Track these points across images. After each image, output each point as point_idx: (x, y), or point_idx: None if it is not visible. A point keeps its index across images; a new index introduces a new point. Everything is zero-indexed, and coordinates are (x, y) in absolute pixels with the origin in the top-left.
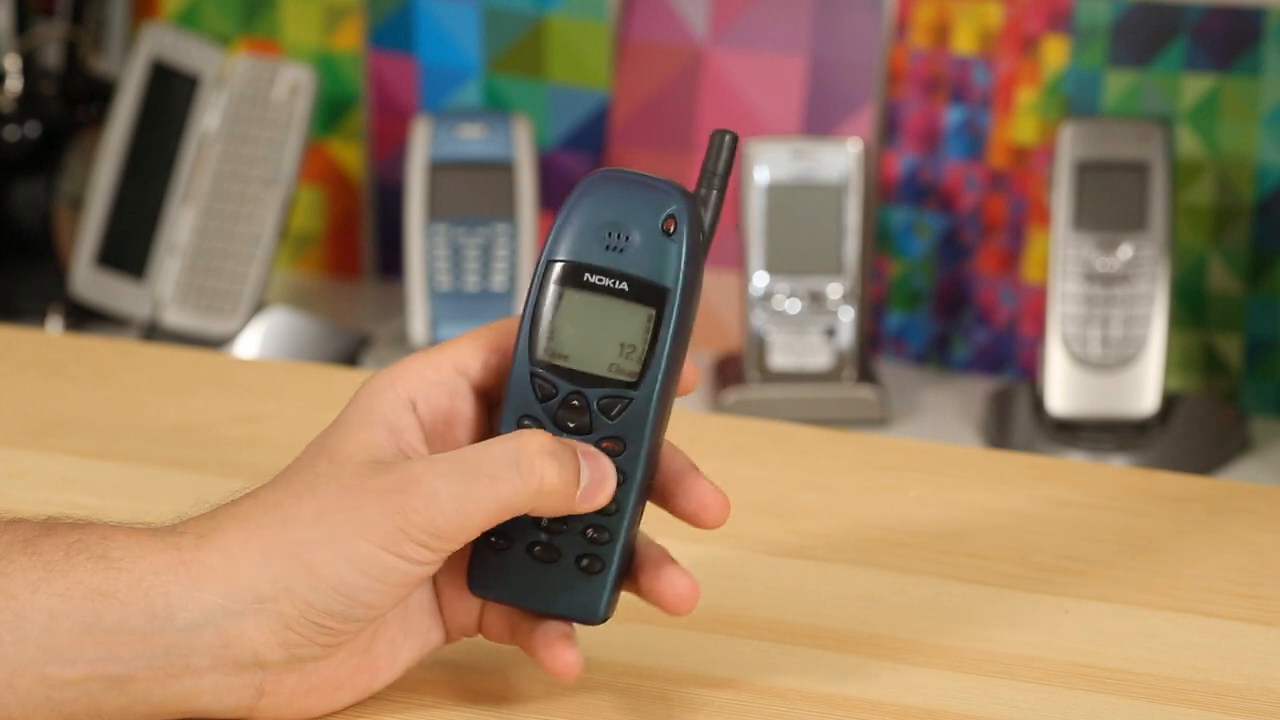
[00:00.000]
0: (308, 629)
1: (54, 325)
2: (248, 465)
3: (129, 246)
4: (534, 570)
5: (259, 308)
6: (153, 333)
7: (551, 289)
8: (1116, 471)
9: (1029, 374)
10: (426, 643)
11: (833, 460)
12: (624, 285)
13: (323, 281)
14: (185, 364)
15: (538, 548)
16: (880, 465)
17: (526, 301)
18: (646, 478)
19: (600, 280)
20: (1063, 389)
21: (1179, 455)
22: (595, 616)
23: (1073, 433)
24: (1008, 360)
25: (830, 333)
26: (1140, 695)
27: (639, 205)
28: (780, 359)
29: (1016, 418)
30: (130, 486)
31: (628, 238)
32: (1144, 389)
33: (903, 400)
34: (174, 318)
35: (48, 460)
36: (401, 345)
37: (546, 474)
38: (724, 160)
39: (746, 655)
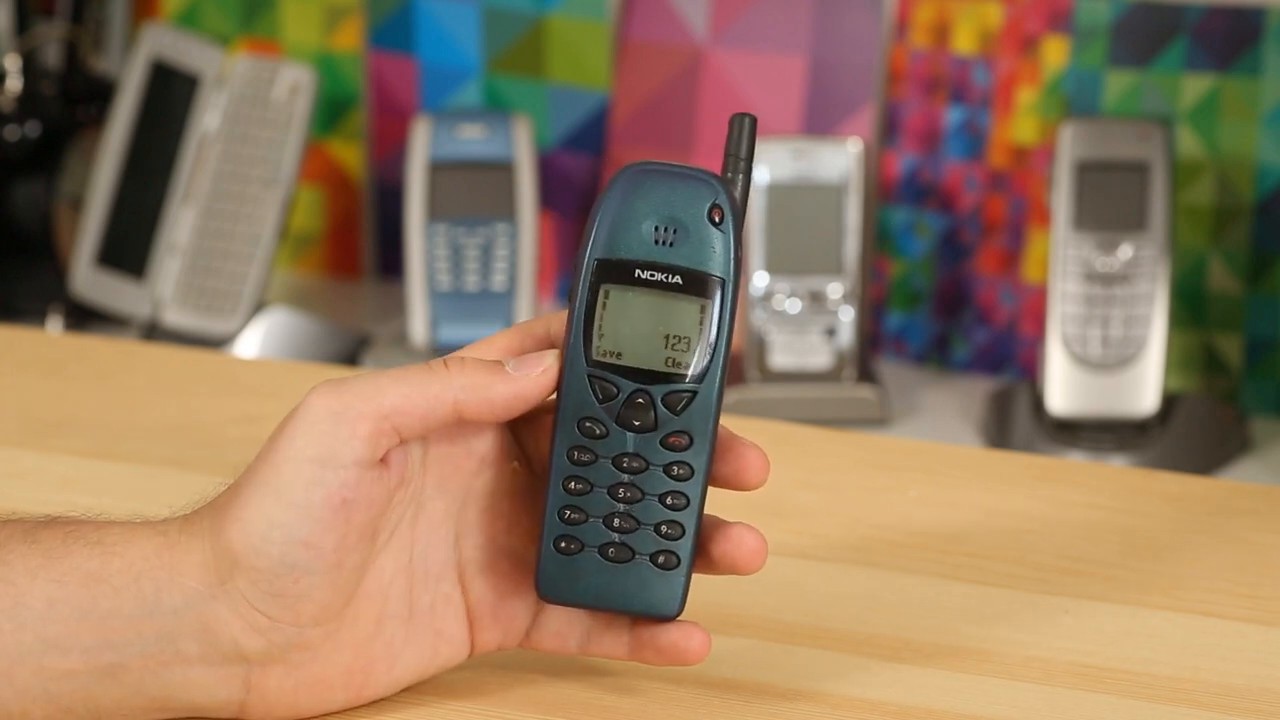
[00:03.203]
0: (266, 603)
1: (54, 325)
2: (247, 465)
3: (129, 246)
4: (607, 571)
5: (259, 308)
6: (153, 333)
7: (601, 288)
8: (1116, 471)
9: (1029, 374)
10: (437, 653)
11: (833, 460)
12: (677, 279)
13: (323, 281)
14: (185, 364)
15: (611, 549)
16: (880, 465)
17: (574, 302)
18: (709, 467)
19: (652, 275)
20: (1063, 389)
21: (1179, 455)
22: (671, 612)
23: (1073, 433)
24: (1008, 360)
25: (830, 333)
26: (1140, 695)
27: (683, 197)
28: (780, 359)
29: (1016, 418)
30: (130, 486)
31: (676, 230)
32: (1144, 389)
33: (903, 400)
34: (174, 318)
35: (48, 460)
36: (401, 345)
37: (452, 363)
38: (746, 143)
39: (747, 655)
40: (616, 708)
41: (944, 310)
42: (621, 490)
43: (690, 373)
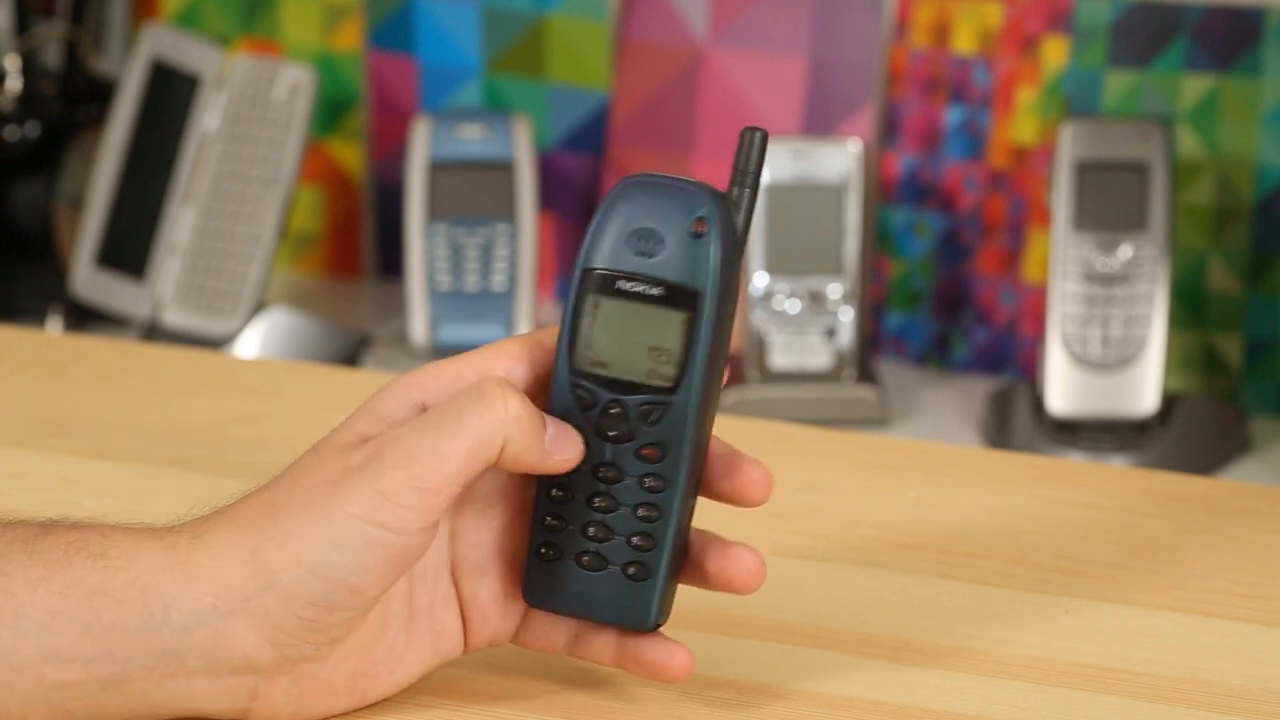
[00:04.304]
0: (294, 625)
1: (54, 325)
2: (248, 465)
3: (129, 246)
4: (584, 580)
5: (259, 308)
6: (153, 333)
7: (587, 298)
8: (1116, 471)
9: (1029, 374)
10: (436, 651)
11: (833, 460)
12: (656, 290)
13: (323, 281)
14: (185, 364)
15: (585, 557)
16: (880, 465)
17: (564, 312)
18: (691, 482)
19: (633, 287)
20: (1063, 389)
21: (1179, 455)
22: (645, 624)
23: (1073, 433)
24: (1008, 360)
25: (830, 333)
26: (1140, 695)
27: (668, 209)
28: (780, 359)
29: (1016, 418)
30: (130, 486)
31: (658, 242)
32: (1144, 389)
33: (903, 400)
34: (174, 318)
35: (48, 460)
36: (401, 345)
37: (510, 400)
38: (755, 159)
39: (746, 655)
40: (617, 709)
41: (944, 310)
42: (598, 499)
43: (666, 384)
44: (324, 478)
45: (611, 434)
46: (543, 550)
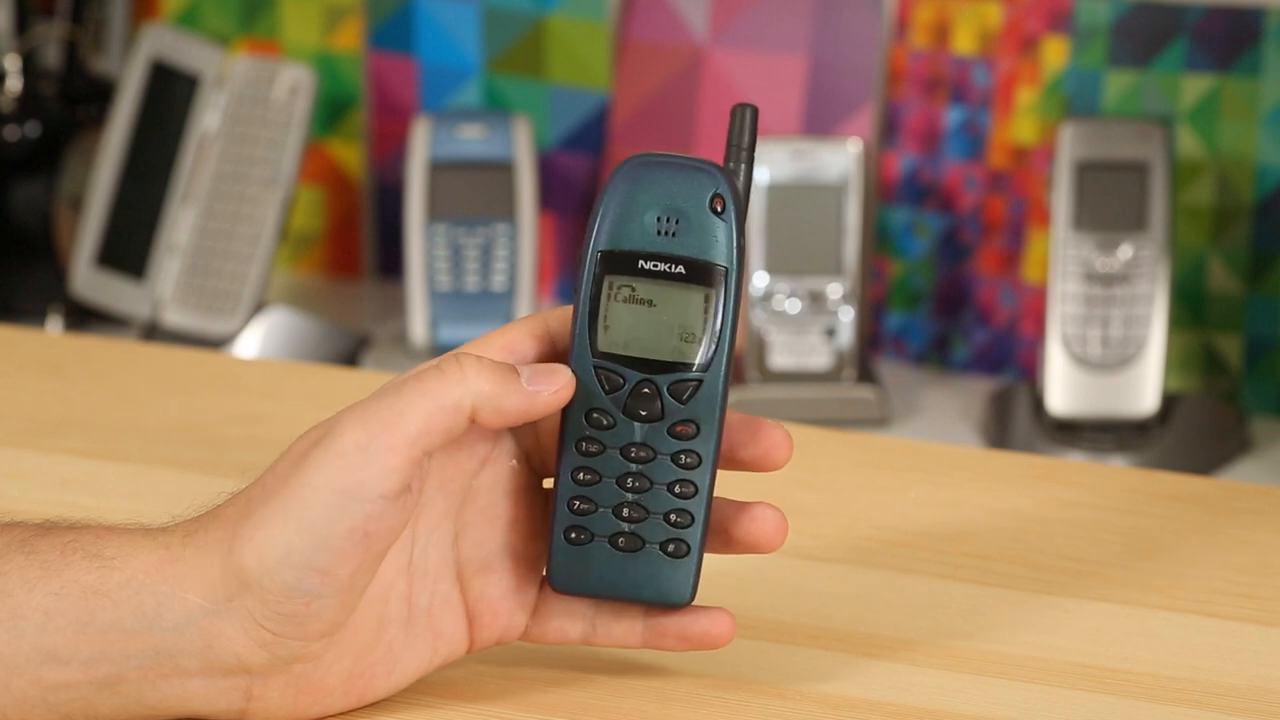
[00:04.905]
0: (275, 621)
1: (54, 325)
2: (248, 465)
3: (129, 246)
4: (618, 561)
5: (259, 308)
6: (153, 333)
7: (606, 280)
8: (1116, 471)
9: (1029, 374)
10: (436, 653)
11: (833, 460)
12: (680, 269)
13: (323, 281)
14: (185, 364)
15: (621, 538)
16: (880, 465)
17: (579, 295)
18: (717, 455)
19: (656, 266)
20: (1063, 389)
21: (1179, 455)
22: (684, 599)
23: (1073, 433)
24: (1008, 360)
25: (830, 333)
26: (1140, 695)
27: (684, 187)
28: (780, 359)
29: (1016, 418)
30: (130, 486)
31: (678, 221)
32: (1144, 389)
33: (903, 400)
34: (174, 318)
35: (48, 460)
36: (401, 345)
37: (466, 364)
38: (748, 133)
39: (746, 655)
40: (616, 708)
41: (944, 310)
42: (630, 480)
43: (696, 361)
44: (290, 460)
45: (642, 414)
46: (571, 534)
